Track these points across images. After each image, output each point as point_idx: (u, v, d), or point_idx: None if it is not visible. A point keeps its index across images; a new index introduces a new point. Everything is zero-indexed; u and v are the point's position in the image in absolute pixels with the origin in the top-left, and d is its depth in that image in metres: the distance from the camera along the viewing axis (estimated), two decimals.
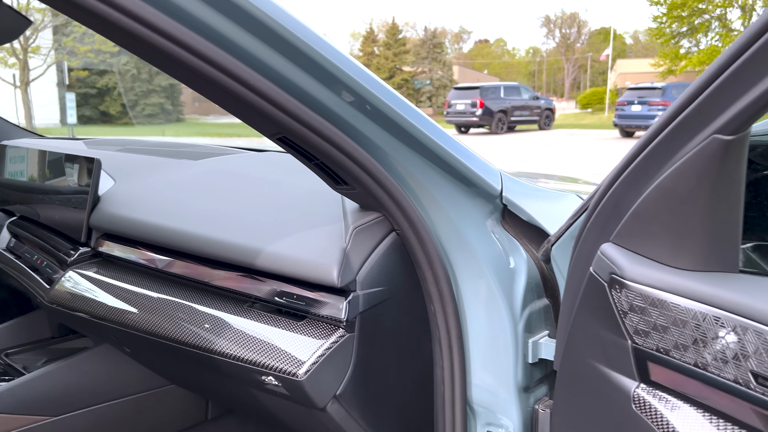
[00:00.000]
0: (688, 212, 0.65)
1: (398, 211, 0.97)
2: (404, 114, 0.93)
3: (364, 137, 0.91)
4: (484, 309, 1.07)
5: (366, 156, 0.91)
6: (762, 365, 0.59)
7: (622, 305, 0.71)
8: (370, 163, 0.91)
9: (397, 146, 0.95)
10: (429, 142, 0.96)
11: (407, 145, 0.96)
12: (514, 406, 1.08)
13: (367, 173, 0.92)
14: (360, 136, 0.91)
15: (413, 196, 0.99)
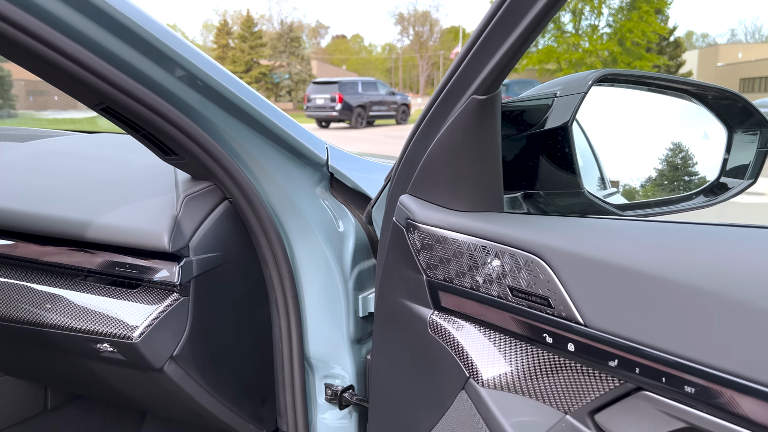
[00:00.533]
0: (460, 163, 0.79)
1: (229, 179, 1.03)
2: (233, 89, 1.00)
3: (191, 109, 0.96)
4: (316, 270, 1.17)
5: (194, 126, 0.96)
6: (515, 281, 0.73)
7: (416, 245, 0.84)
8: (199, 134, 0.97)
9: (226, 119, 1.02)
10: (258, 115, 1.04)
11: (237, 118, 1.03)
12: (348, 357, 1.19)
13: (196, 143, 0.97)
14: (187, 108, 0.96)
15: (243, 166, 1.06)
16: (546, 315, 0.71)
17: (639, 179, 0.93)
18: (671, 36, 41.72)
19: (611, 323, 0.65)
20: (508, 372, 0.77)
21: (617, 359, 0.64)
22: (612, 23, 34.43)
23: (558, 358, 0.73)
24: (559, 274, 0.69)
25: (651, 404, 0.64)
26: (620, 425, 0.68)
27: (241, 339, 1.17)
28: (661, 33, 36.01)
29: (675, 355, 0.59)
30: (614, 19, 34.27)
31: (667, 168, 0.93)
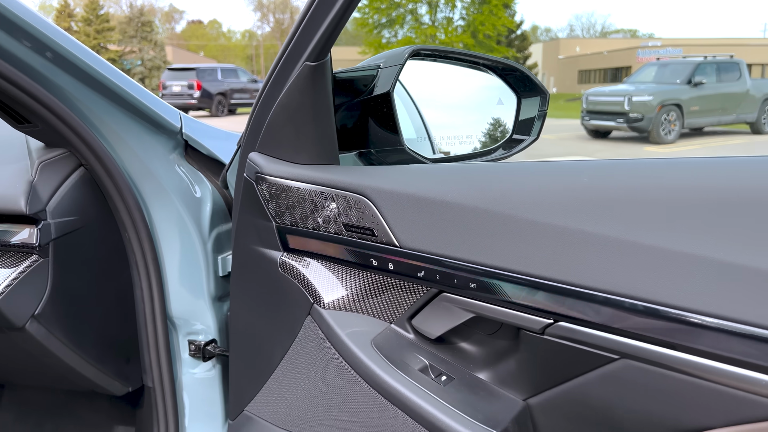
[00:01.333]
0: (298, 122, 0.92)
1: (83, 146, 1.09)
2: (84, 58, 1.05)
3: (42, 76, 1.01)
4: (175, 233, 1.25)
5: (46, 94, 1.01)
6: (347, 218, 0.88)
7: (265, 195, 0.96)
8: (52, 101, 1.02)
9: (79, 87, 1.07)
10: (111, 84, 1.10)
11: (89, 87, 1.08)
12: (210, 314, 1.29)
13: (50, 111, 1.02)
14: (38, 75, 1.00)
15: (97, 132, 1.12)
16: (371, 243, 0.87)
17: (450, 137, 1.12)
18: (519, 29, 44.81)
19: (419, 243, 0.82)
20: (345, 295, 0.92)
21: (424, 270, 0.82)
22: (465, 16, 36.24)
23: (382, 278, 0.89)
24: (380, 209, 0.85)
25: (450, 302, 0.82)
26: (430, 324, 0.86)
27: (104, 299, 1.23)
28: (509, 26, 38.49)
29: (463, 261, 0.77)
30: (467, 12, 36.09)
31: (472, 127, 1.13)
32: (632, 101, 12.91)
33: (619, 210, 0.67)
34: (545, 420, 0.79)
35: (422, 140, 1.20)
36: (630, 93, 13.12)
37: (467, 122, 1.13)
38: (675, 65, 14.55)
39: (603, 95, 13.87)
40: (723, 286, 0.60)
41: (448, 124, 1.12)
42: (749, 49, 38.76)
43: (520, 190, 0.75)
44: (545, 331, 0.73)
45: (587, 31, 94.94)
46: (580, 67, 50.23)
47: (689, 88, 13.40)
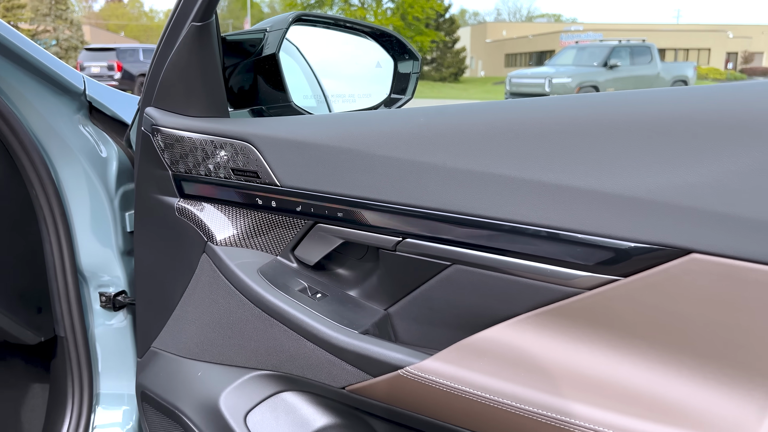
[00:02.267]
0: (189, 78, 1.03)
1: None
2: None
3: None
4: (82, 190, 1.32)
5: None
6: (235, 163, 1.00)
7: (160, 146, 1.06)
8: None
9: None
10: (13, 46, 1.16)
11: None
12: (119, 267, 1.37)
13: None
14: None
15: (1, 93, 1.18)
16: (256, 184, 0.99)
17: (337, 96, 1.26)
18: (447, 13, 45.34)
19: (296, 181, 0.94)
20: (235, 233, 1.04)
21: (301, 205, 0.95)
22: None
23: (268, 216, 1.01)
24: (263, 153, 0.97)
25: (323, 232, 0.95)
26: (308, 252, 1.00)
27: (13, 251, 1.29)
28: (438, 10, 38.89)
29: (331, 194, 0.91)
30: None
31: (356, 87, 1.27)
32: (552, 83, 13.46)
33: (446, 143, 0.82)
34: (401, 324, 0.94)
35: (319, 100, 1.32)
36: (550, 75, 13.67)
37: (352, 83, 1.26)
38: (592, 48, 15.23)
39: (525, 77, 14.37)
40: (521, 198, 0.76)
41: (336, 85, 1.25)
42: (662, 34, 40.79)
43: (376, 132, 0.89)
44: (396, 248, 0.87)
45: (513, 15, 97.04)
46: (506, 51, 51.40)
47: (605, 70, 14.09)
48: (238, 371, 1.04)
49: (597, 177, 0.71)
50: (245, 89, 1.18)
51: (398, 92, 1.27)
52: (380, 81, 1.26)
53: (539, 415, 0.73)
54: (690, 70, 15.92)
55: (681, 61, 24.80)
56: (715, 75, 32.67)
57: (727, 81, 30.31)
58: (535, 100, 0.81)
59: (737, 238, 0.63)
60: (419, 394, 0.83)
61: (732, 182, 0.63)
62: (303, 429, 1.00)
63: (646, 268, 0.68)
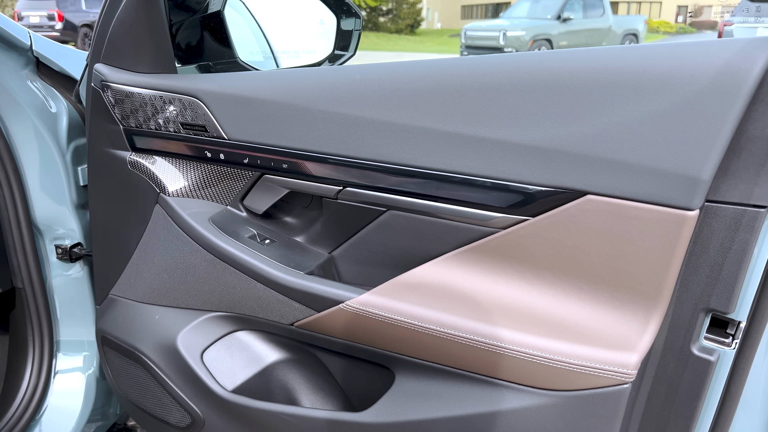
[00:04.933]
0: (136, 35, 1.06)
1: None
2: None
3: None
4: (33, 146, 1.35)
5: None
6: (184, 118, 1.05)
7: (111, 101, 1.10)
8: None
9: None
10: None
11: None
12: (74, 220, 1.42)
13: None
14: None
15: None
16: (205, 138, 1.04)
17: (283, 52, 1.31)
18: None
19: (243, 134, 1.01)
20: (186, 185, 1.10)
21: (248, 157, 1.01)
22: None
23: (218, 169, 1.08)
24: (210, 108, 1.03)
25: (270, 182, 1.03)
26: (257, 202, 1.07)
27: None
28: None
29: (276, 146, 0.98)
30: None
31: (301, 44, 1.32)
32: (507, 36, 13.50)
33: (380, 99, 0.89)
34: (344, 265, 1.03)
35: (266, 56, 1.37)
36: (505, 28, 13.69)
37: (298, 40, 1.31)
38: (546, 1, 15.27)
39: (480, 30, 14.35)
40: (445, 148, 0.84)
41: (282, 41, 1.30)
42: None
43: (316, 87, 0.96)
44: (338, 196, 0.96)
45: None
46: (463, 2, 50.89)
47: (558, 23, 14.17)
48: (193, 313, 1.11)
49: (509, 129, 0.80)
50: (192, 46, 1.22)
51: (341, 48, 1.33)
52: (324, 37, 1.31)
53: (462, 338, 0.83)
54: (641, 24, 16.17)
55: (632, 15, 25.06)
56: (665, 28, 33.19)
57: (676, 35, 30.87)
58: (459, 60, 0.89)
59: (624, 181, 0.73)
60: (359, 325, 0.92)
61: (620, 132, 0.73)
62: (256, 364, 1.09)
63: (551, 208, 0.78)
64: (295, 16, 1.31)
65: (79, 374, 1.44)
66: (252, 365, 1.09)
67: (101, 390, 1.48)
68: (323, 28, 1.31)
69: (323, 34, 1.32)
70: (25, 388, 1.42)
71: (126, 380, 1.23)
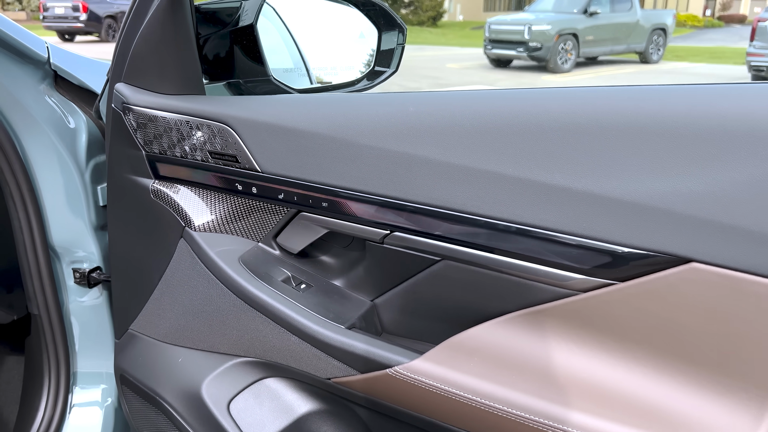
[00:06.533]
0: (161, 53, 0.96)
1: None
2: None
3: None
4: (51, 164, 1.25)
5: None
6: (212, 146, 0.95)
7: (132, 125, 1.00)
8: None
9: None
10: None
11: None
12: (93, 243, 1.33)
13: None
14: None
15: None
16: (236, 169, 0.94)
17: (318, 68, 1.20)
18: None
19: (278, 167, 0.90)
20: (214, 218, 0.99)
21: (283, 193, 0.90)
22: None
23: (248, 201, 0.97)
24: (242, 136, 0.92)
25: (307, 220, 0.92)
26: (292, 240, 0.96)
27: None
28: None
29: (315, 182, 0.87)
30: None
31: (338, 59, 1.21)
32: (532, 30, 13.25)
33: (437, 135, 0.78)
34: (388, 315, 0.92)
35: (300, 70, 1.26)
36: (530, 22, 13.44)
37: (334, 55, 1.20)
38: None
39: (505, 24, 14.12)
40: (512, 197, 0.73)
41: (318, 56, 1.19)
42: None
43: (363, 118, 0.85)
44: (384, 241, 0.84)
45: None
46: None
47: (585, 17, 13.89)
48: (219, 358, 1.01)
49: (595, 179, 0.68)
50: (221, 61, 1.12)
51: (382, 65, 1.21)
52: (363, 52, 1.20)
53: (530, 420, 0.72)
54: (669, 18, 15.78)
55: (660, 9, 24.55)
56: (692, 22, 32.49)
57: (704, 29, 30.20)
58: (536, 92, 0.77)
59: (738, 250, 0.61)
60: (407, 392, 0.81)
61: (735, 192, 0.61)
62: (287, 415, 0.99)
63: (644, 274, 0.66)
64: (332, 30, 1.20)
65: (97, 409, 1.36)
66: (283, 417, 0.99)
67: (119, 425, 1.39)
68: (363, 42, 1.20)
69: (363, 49, 1.20)
70: (39, 421, 1.33)
71: (145, 424, 1.14)
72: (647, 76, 13.27)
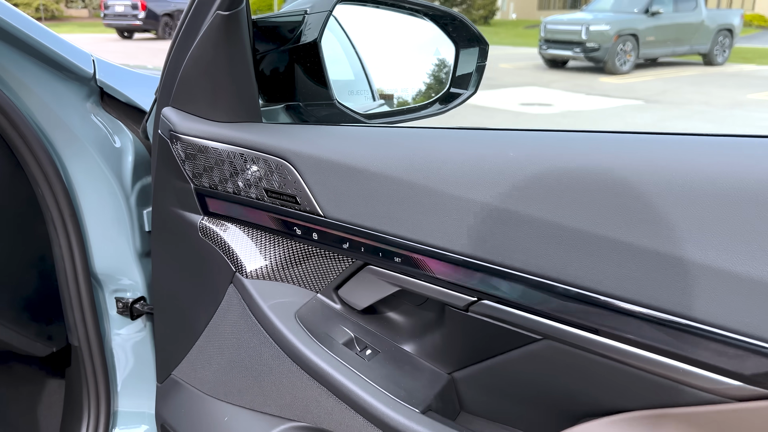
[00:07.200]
0: (214, 76, 0.84)
1: None
2: None
3: None
4: (94, 187, 1.16)
5: None
6: (269, 183, 0.83)
7: (180, 155, 0.89)
8: None
9: None
10: (9, 27, 0.98)
11: None
12: (137, 270, 1.23)
13: None
14: None
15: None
16: (294, 211, 0.81)
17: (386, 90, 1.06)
18: None
19: (344, 213, 0.77)
20: (268, 264, 0.87)
21: (348, 242, 0.77)
22: None
23: (306, 247, 0.84)
24: (303, 175, 0.79)
25: (374, 275, 0.79)
26: (357, 295, 0.83)
27: (18, 259, 1.15)
28: None
29: (388, 234, 0.73)
30: None
31: (408, 80, 1.07)
32: (589, 30, 12.82)
33: (545, 190, 0.63)
34: (470, 394, 0.78)
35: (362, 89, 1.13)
36: (588, 22, 13.02)
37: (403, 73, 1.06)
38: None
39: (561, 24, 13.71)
40: (645, 274, 0.57)
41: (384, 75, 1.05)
42: None
43: (449, 161, 0.71)
44: (469, 309, 0.70)
45: None
46: None
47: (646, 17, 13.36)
48: (270, 421, 0.89)
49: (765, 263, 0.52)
50: (279, 81, 0.99)
51: (459, 86, 1.07)
52: (439, 71, 1.06)
53: None
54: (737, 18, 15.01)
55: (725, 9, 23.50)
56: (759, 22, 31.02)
57: None
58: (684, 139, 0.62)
59: None
60: None
61: None
62: None
63: None
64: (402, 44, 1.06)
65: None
66: None
67: None
68: (438, 60, 1.06)
69: (438, 67, 1.06)
70: None
71: None
72: (712, 78, 12.66)
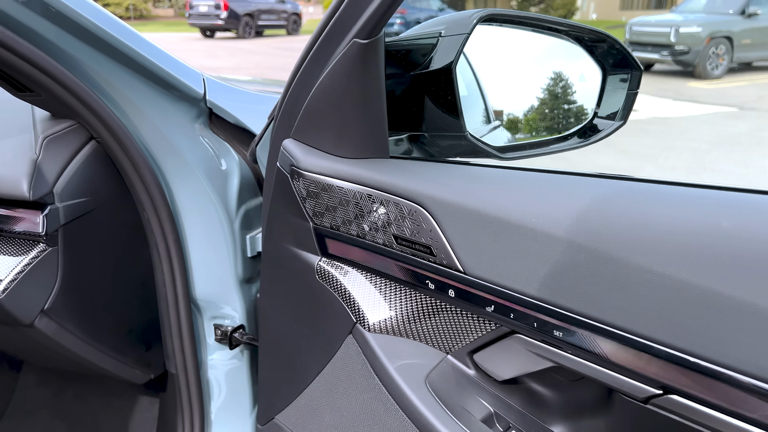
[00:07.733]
0: (344, 108, 0.76)
1: (93, 117, 0.94)
2: (92, 18, 0.89)
3: (45, 41, 0.85)
4: (199, 211, 1.11)
5: (46, 59, 0.85)
6: (400, 229, 0.74)
7: (301, 193, 0.81)
8: (53, 67, 0.86)
9: (87, 51, 0.91)
10: (123, 47, 0.94)
11: (99, 50, 0.92)
12: (237, 297, 1.17)
13: (51, 78, 0.87)
14: (40, 40, 0.85)
15: (109, 102, 0.97)
16: (428, 263, 0.72)
17: (520, 120, 0.95)
18: None
19: (488, 271, 0.67)
20: (393, 316, 0.78)
21: (494, 305, 0.67)
22: None
23: (440, 302, 0.75)
24: (441, 223, 0.70)
25: (524, 346, 0.68)
26: (497, 365, 0.73)
27: (121, 285, 1.12)
28: None
29: (546, 302, 0.63)
30: None
31: (546, 109, 0.96)
32: (679, 32, 12.17)
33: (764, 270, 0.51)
34: None
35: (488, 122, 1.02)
36: (677, 23, 12.36)
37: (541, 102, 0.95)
38: None
39: (648, 25, 13.09)
40: None
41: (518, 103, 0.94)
42: None
43: (633, 223, 0.59)
44: (649, 401, 0.59)
45: None
46: None
47: (742, 19, 12.55)
48: None
49: None
50: (404, 108, 0.90)
51: (605, 116, 0.95)
52: (582, 99, 0.94)
53: None
54: None
55: None
56: None
57: None
58: None
59: None
60: None
61: None
62: None
63: None
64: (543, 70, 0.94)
65: None
66: None
67: None
68: (583, 86, 0.94)
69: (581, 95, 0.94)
70: None
71: None
72: None
